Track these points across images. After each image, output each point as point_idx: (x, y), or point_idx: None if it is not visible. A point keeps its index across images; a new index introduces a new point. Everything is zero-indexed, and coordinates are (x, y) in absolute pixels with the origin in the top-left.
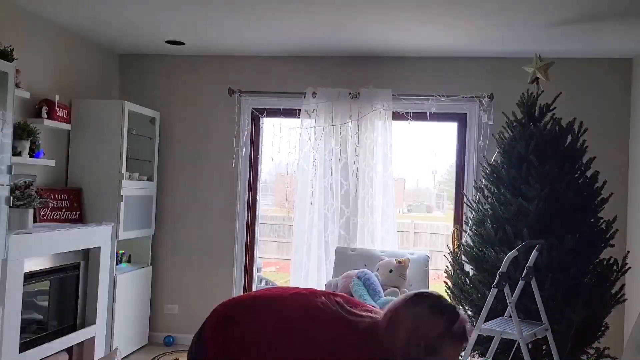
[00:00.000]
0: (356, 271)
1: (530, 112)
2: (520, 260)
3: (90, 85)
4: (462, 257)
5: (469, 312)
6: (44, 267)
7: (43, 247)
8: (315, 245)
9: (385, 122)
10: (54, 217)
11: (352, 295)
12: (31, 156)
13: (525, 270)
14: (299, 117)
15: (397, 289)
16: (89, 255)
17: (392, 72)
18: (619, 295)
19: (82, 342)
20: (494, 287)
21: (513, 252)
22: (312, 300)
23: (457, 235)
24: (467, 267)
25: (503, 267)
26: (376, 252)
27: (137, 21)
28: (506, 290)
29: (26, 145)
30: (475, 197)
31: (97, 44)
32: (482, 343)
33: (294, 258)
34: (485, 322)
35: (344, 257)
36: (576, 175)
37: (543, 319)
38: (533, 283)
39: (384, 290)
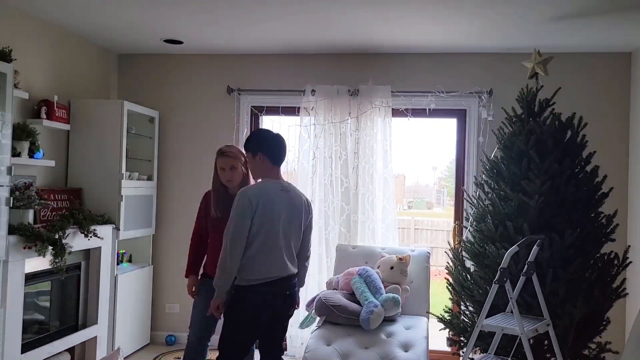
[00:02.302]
0: (357, 268)
1: (530, 107)
2: (521, 255)
3: (89, 85)
4: (463, 253)
5: (470, 308)
6: (45, 268)
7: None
8: (316, 243)
9: (384, 119)
10: (55, 218)
11: (353, 293)
12: (31, 157)
13: (526, 266)
14: (298, 115)
15: (398, 285)
16: (89, 255)
17: (391, 69)
18: (620, 290)
19: (84, 342)
20: (495, 282)
21: (514, 248)
22: None
23: (458, 231)
24: (468, 263)
25: (504, 263)
26: (377, 249)
27: (135, 21)
28: (507, 285)
29: (25, 145)
30: (476, 193)
31: (95, 43)
32: (484, 339)
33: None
34: (486, 317)
35: (345, 255)
36: (576, 170)
37: (544, 314)
38: (534, 278)
39: (385, 287)
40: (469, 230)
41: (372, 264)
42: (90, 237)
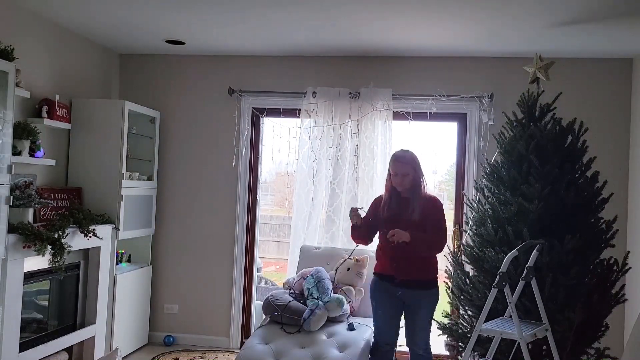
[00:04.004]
0: (312, 269)
1: (531, 112)
2: (521, 260)
3: (91, 84)
4: (463, 257)
5: (469, 312)
6: (44, 267)
7: None
8: (316, 244)
9: (385, 122)
10: (54, 217)
11: (303, 293)
12: (31, 155)
13: (525, 270)
14: (299, 117)
15: (352, 287)
16: (89, 255)
17: (392, 72)
18: (619, 296)
19: (82, 341)
20: (494, 287)
21: (513, 252)
22: None
23: (458, 235)
24: (467, 267)
25: (503, 267)
26: (340, 250)
27: (137, 21)
28: (506, 290)
29: (26, 144)
30: (476, 197)
31: (97, 43)
32: (483, 344)
33: (291, 258)
34: (485, 322)
35: (308, 256)
36: (576, 175)
37: (543, 319)
38: (533, 283)
39: (340, 287)
40: (468, 234)
41: (335, 265)
42: (90, 237)
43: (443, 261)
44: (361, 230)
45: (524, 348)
